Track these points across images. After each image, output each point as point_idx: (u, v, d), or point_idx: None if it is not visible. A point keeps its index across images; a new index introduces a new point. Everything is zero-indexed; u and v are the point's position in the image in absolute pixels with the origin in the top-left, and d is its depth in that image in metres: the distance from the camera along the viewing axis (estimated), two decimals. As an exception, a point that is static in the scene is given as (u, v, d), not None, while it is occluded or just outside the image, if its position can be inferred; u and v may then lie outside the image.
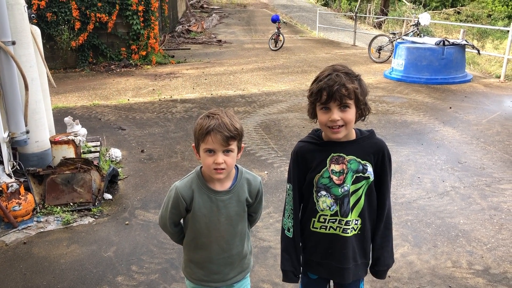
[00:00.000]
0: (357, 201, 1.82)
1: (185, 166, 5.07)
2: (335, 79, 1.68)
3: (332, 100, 1.69)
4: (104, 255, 3.38)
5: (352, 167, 1.79)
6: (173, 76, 10.47)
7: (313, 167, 1.82)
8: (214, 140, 1.69)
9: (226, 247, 1.89)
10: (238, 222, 1.89)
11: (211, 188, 1.83)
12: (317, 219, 1.85)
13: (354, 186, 1.80)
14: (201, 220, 1.84)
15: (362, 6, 24.45)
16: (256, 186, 1.91)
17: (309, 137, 1.89)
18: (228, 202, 1.84)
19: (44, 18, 10.94)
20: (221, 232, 1.86)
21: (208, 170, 1.77)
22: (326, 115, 1.72)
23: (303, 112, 7.09)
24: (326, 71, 1.74)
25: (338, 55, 13.13)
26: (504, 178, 4.63)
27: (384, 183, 1.85)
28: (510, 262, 3.22)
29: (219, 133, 1.68)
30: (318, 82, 1.72)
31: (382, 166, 1.83)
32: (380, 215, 1.88)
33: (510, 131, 6.10)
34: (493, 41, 17.77)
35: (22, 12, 4.11)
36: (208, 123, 1.70)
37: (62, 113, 6.80)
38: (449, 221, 3.80)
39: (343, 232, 1.82)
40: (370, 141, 1.84)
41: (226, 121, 1.71)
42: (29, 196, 3.88)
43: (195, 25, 19.63)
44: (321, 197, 1.82)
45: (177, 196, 1.83)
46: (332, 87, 1.67)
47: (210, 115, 1.74)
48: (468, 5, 25.12)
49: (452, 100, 7.80)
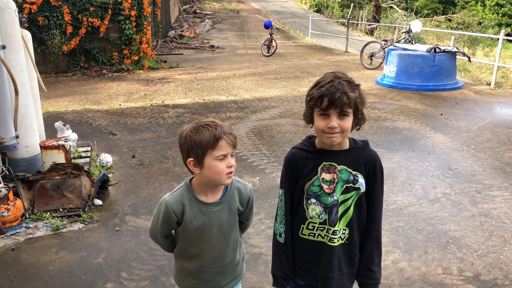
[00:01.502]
0: (346, 211, 1.81)
1: (176, 171, 5.04)
2: (337, 87, 1.67)
3: (332, 107, 1.68)
4: (94, 262, 3.34)
5: (342, 177, 1.78)
6: (165, 81, 10.45)
7: (304, 175, 1.82)
8: (227, 144, 1.70)
9: (218, 257, 1.88)
10: (230, 231, 1.88)
11: (202, 201, 1.81)
12: (306, 226, 1.85)
13: (343, 196, 1.79)
14: (193, 232, 1.83)
15: (354, 13, 24.61)
16: (247, 194, 1.89)
17: (302, 144, 1.88)
18: (219, 214, 1.83)
19: (36, 22, 10.89)
20: (214, 243, 1.85)
21: (220, 178, 1.73)
22: (324, 121, 1.71)
23: (295, 118, 7.11)
24: (327, 78, 1.71)
25: (330, 61, 13.19)
26: (494, 185, 4.66)
27: (375, 196, 1.84)
28: (500, 268, 3.23)
29: (229, 138, 1.70)
30: (320, 88, 1.70)
31: (373, 178, 1.82)
32: (370, 229, 1.86)
33: (501, 138, 6.14)
34: (483, 48, 17.96)
35: (13, 16, 4.08)
36: (214, 131, 1.69)
37: (53, 118, 6.75)
38: (440, 227, 3.81)
39: (329, 241, 1.81)
40: (362, 152, 1.83)
41: (223, 125, 1.73)
42: (18, 202, 3.83)
43: (188, 30, 19.64)
44: (311, 205, 1.82)
45: (168, 211, 1.80)
46: (334, 94, 1.66)
47: (205, 126, 1.70)
48: (459, 13, 25.38)
49: (443, 106, 7.85)
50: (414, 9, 26.22)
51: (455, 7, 28.20)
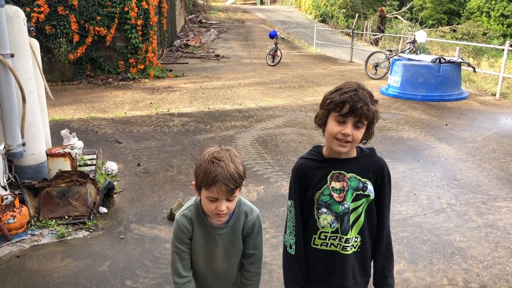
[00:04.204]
0: (357, 218, 1.81)
1: (181, 180, 5.05)
2: (360, 96, 1.69)
3: (352, 115, 1.69)
4: (99, 270, 3.35)
5: (352, 184, 1.78)
6: (170, 90, 10.50)
7: (314, 184, 1.82)
8: (219, 191, 1.65)
9: (222, 275, 1.93)
10: (235, 253, 1.91)
11: (209, 224, 1.84)
12: (318, 236, 1.84)
13: (354, 203, 1.79)
14: (198, 251, 1.86)
15: (359, 23, 24.70)
16: (252, 220, 1.88)
17: (310, 153, 1.89)
18: (225, 236, 1.86)
19: (43, 31, 11.01)
20: (218, 263, 1.89)
21: (210, 213, 1.77)
22: (339, 127, 1.71)
23: (300, 127, 7.12)
24: (351, 86, 1.73)
25: (335, 71, 13.22)
26: (500, 196, 4.64)
27: (383, 202, 1.85)
28: (506, 280, 3.21)
29: (225, 186, 1.64)
30: (343, 94, 1.70)
31: (381, 185, 1.83)
32: (380, 235, 1.87)
33: (506, 148, 6.12)
34: (488, 59, 17.94)
35: (22, 25, 4.13)
36: (214, 172, 1.64)
37: (59, 126, 6.79)
38: (445, 238, 3.79)
39: (343, 249, 1.81)
40: (370, 159, 1.84)
41: (232, 171, 1.65)
42: (23, 209, 3.85)
43: (193, 39, 19.76)
44: (322, 214, 1.81)
45: (181, 228, 1.82)
46: (357, 103, 1.67)
47: (214, 161, 1.66)
48: (464, 24, 25.40)
49: (448, 117, 7.84)
50: (419, 19, 26.26)
51: (460, 18, 28.23)
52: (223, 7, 36.08)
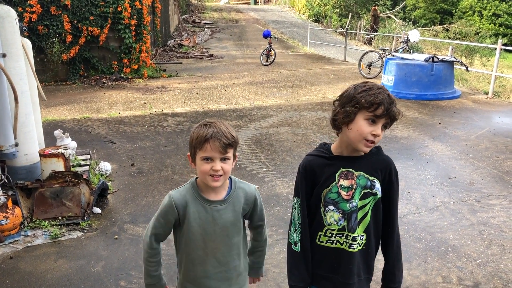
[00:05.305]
0: (364, 216, 1.82)
1: (175, 180, 5.04)
2: (393, 99, 1.73)
3: (385, 117, 1.71)
4: (93, 270, 3.33)
5: (360, 182, 1.79)
6: (164, 89, 10.48)
7: (322, 182, 1.81)
8: (212, 148, 1.71)
9: (223, 260, 1.86)
10: (234, 233, 1.86)
11: (206, 198, 1.82)
12: (324, 233, 1.84)
13: (361, 202, 1.80)
14: (196, 231, 1.81)
15: (353, 23, 24.76)
16: (252, 193, 1.90)
17: (318, 150, 1.88)
18: (223, 212, 1.82)
19: (36, 31, 10.94)
20: (217, 244, 1.84)
21: (204, 177, 1.76)
22: (371, 127, 1.71)
23: (294, 127, 7.12)
24: (380, 88, 1.73)
25: (329, 71, 13.25)
26: (493, 194, 4.67)
27: (392, 200, 1.86)
28: (499, 277, 3.23)
29: (218, 140, 1.70)
30: (377, 95, 1.70)
31: (389, 182, 1.84)
32: (390, 233, 1.88)
33: (499, 147, 6.16)
34: (481, 58, 18.05)
35: (14, 25, 4.10)
36: (205, 131, 1.72)
37: (52, 126, 6.76)
38: (439, 236, 3.81)
39: (349, 247, 1.81)
40: (377, 157, 1.85)
41: (223, 129, 1.73)
42: (16, 210, 3.83)
43: (187, 39, 19.72)
44: (328, 212, 1.81)
45: (170, 203, 1.81)
46: (391, 105, 1.71)
47: (207, 124, 1.75)
48: (457, 23, 25.53)
49: (441, 116, 7.88)
50: (412, 19, 26.36)
51: (452, 17, 28.40)
52: (216, 7, 36.04)
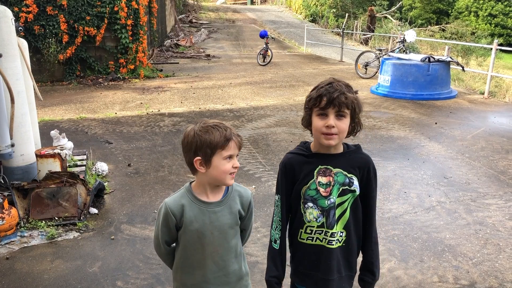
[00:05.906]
0: (342, 213, 1.84)
1: (172, 180, 5.04)
2: (336, 87, 1.74)
3: (331, 106, 1.73)
4: (89, 271, 3.33)
5: (338, 179, 1.82)
6: (161, 90, 10.47)
7: (301, 179, 1.85)
8: (235, 145, 1.78)
9: (221, 264, 1.85)
10: (231, 236, 1.86)
11: (202, 200, 1.82)
12: (304, 230, 1.87)
13: (340, 198, 1.82)
14: (193, 234, 1.81)
15: (349, 23, 24.78)
16: (248, 198, 1.92)
17: (298, 148, 1.92)
18: (220, 215, 1.82)
19: (32, 31, 10.91)
20: (215, 247, 1.83)
21: (224, 177, 1.78)
22: (322, 120, 1.76)
23: (291, 127, 7.13)
24: (327, 81, 1.80)
25: (325, 71, 13.26)
26: (489, 193, 4.68)
27: (370, 198, 1.89)
28: (495, 277, 3.24)
29: (236, 138, 1.79)
30: (319, 89, 1.77)
31: (367, 180, 1.87)
32: (368, 230, 1.91)
33: (495, 146, 6.19)
34: (477, 58, 18.13)
35: (9, 24, 4.09)
36: (223, 132, 1.76)
37: (49, 126, 6.74)
38: (435, 235, 3.82)
39: (328, 243, 1.84)
40: (356, 155, 1.88)
41: (231, 127, 1.81)
42: (13, 211, 3.82)
43: (183, 39, 19.69)
44: (308, 209, 1.85)
45: (166, 213, 1.81)
46: (333, 94, 1.72)
47: (215, 127, 1.77)
48: (453, 23, 25.61)
49: (437, 115, 7.90)
50: (408, 19, 26.42)
51: (448, 18, 28.49)
52: (213, 7, 36.00)
